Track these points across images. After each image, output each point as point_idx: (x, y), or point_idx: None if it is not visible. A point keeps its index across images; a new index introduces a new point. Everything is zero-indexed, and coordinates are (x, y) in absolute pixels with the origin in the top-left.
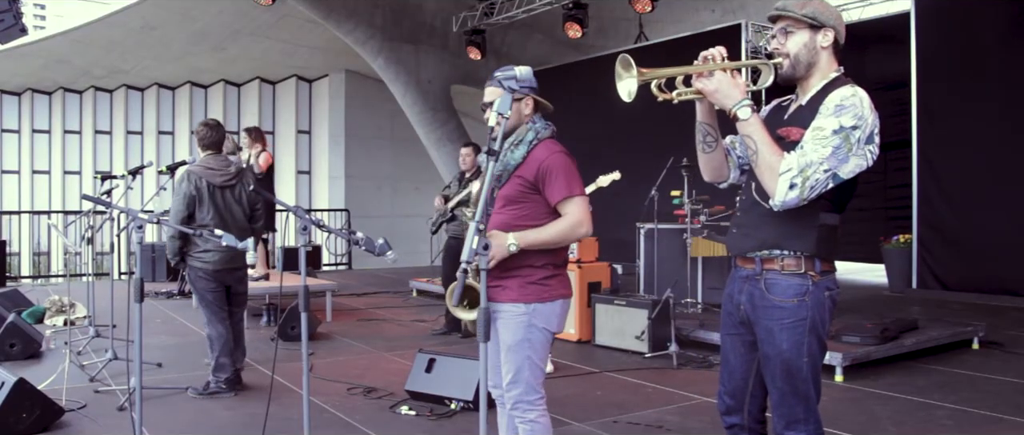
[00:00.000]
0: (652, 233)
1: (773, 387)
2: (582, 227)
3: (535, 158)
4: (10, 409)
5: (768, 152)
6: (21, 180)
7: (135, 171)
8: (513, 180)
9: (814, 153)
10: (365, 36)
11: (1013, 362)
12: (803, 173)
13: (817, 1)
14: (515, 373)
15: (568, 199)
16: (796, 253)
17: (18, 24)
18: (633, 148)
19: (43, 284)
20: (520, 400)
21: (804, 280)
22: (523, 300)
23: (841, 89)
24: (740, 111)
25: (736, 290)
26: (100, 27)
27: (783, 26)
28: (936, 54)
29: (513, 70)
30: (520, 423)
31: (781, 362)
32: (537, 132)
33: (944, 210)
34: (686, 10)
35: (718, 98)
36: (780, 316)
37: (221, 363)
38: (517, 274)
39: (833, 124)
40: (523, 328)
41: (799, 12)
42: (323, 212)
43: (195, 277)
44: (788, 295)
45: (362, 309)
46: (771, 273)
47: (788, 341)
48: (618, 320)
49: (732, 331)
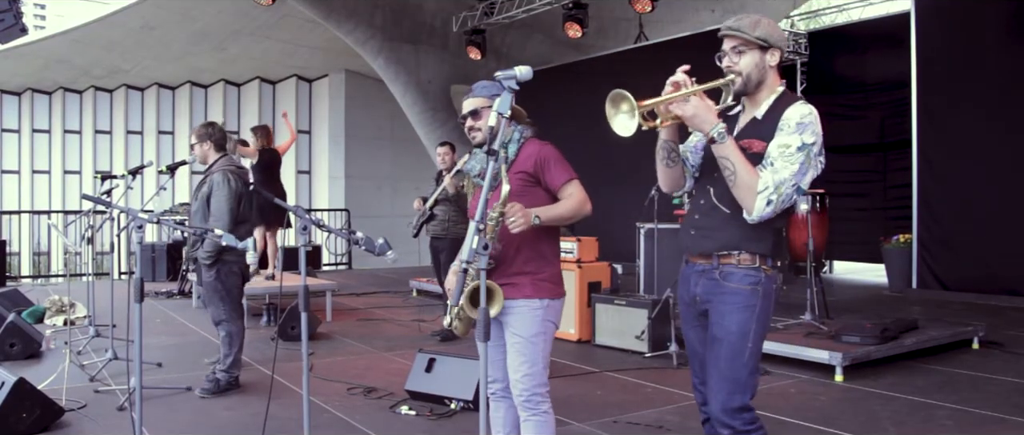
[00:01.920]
0: (652, 233)
1: (713, 370)
2: (586, 204)
3: (529, 153)
4: (10, 409)
5: (745, 173)
6: (21, 180)
7: (135, 171)
8: (512, 176)
9: (785, 170)
10: (365, 36)
11: (1013, 362)
12: (778, 190)
13: (766, 22)
14: (530, 365)
15: (569, 182)
16: (751, 252)
17: (18, 24)
18: (633, 148)
19: (43, 284)
20: (534, 392)
21: (757, 272)
22: (538, 296)
23: (798, 106)
24: (717, 135)
25: (693, 283)
26: (100, 27)
27: (735, 46)
28: (936, 54)
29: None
30: (533, 417)
31: (727, 344)
32: (522, 132)
33: (944, 210)
34: (686, 10)
35: (696, 123)
36: (733, 301)
37: (237, 358)
38: (528, 272)
39: (796, 141)
40: (539, 322)
41: (752, 34)
42: (323, 212)
43: (228, 273)
44: (744, 283)
45: (362, 309)
46: (727, 266)
47: (736, 324)
48: (618, 320)
49: (694, 323)
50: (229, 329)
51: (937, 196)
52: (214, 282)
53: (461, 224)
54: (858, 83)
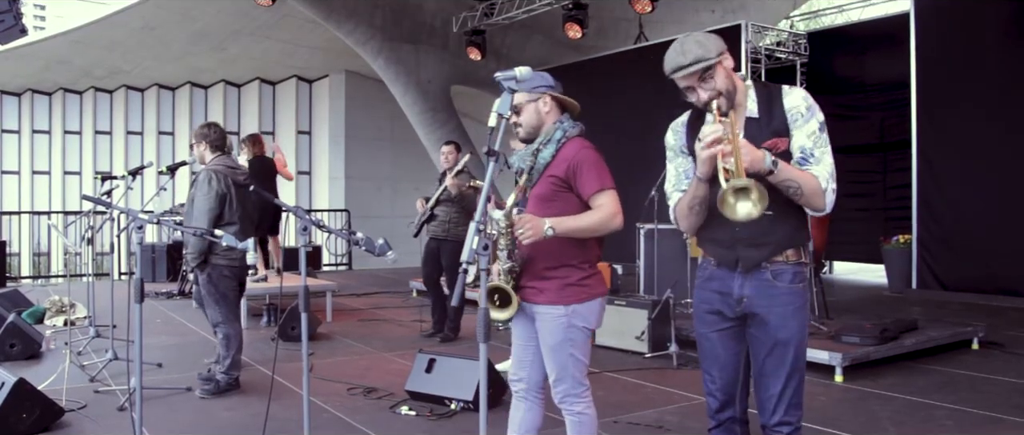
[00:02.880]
0: (652, 233)
1: (781, 372)
2: (616, 218)
3: (564, 156)
4: (10, 409)
5: (807, 182)
6: (21, 180)
7: (135, 171)
8: (545, 179)
9: (826, 155)
10: (365, 36)
11: (1013, 362)
12: (832, 177)
13: (705, 37)
14: (559, 371)
15: (600, 191)
16: (796, 246)
17: (18, 25)
18: (633, 149)
19: (43, 284)
20: (568, 394)
21: (801, 268)
22: (562, 302)
23: (793, 92)
24: (772, 165)
25: (736, 285)
26: (100, 27)
27: (699, 72)
28: (936, 54)
29: (513, 71)
30: (568, 416)
31: (795, 346)
32: (565, 130)
33: (944, 210)
34: (686, 10)
35: (756, 167)
36: (792, 300)
37: (236, 360)
38: (556, 275)
39: (816, 124)
40: (563, 329)
41: (713, 55)
42: (323, 213)
43: (219, 276)
44: (796, 281)
45: (362, 309)
46: (776, 264)
47: (799, 325)
48: (618, 320)
49: (721, 327)
50: (226, 331)
51: (937, 196)
52: (207, 284)
53: (463, 225)
54: (858, 83)
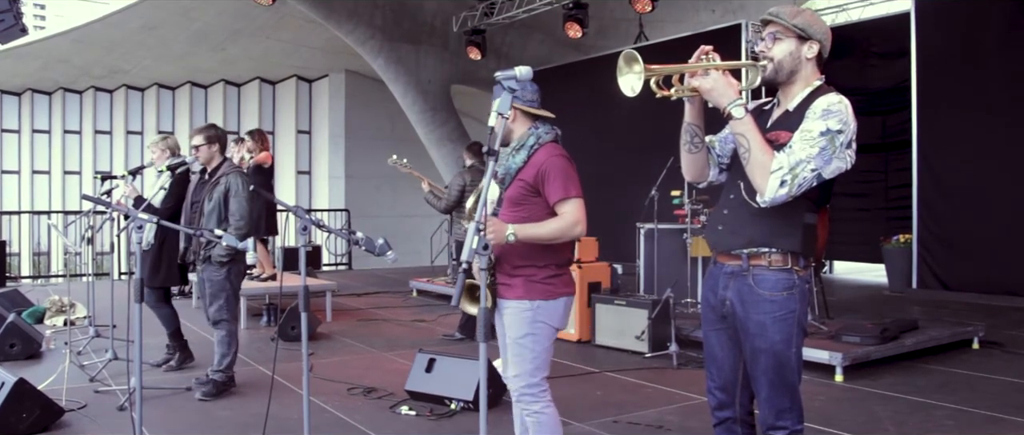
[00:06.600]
0: (652, 233)
1: (763, 380)
2: (577, 227)
3: (535, 162)
4: (10, 409)
5: (760, 151)
6: (21, 180)
7: (135, 171)
8: (516, 183)
9: (802, 152)
10: (365, 36)
11: (1013, 362)
12: (792, 171)
13: (809, 13)
14: (517, 365)
15: (565, 200)
16: (782, 250)
17: (18, 24)
18: (633, 148)
19: (43, 284)
20: (524, 391)
21: (790, 275)
22: (528, 297)
23: (827, 96)
24: (735, 110)
25: (721, 285)
26: (100, 27)
27: (772, 32)
28: (936, 54)
29: (514, 71)
30: (527, 417)
31: (773, 355)
32: (539, 137)
33: (944, 210)
34: (686, 10)
35: (714, 96)
36: (771, 309)
37: (235, 359)
38: (522, 273)
39: (820, 126)
40: (527, 323)
41: (790, 21)
42: (323, 212)
43: (237, 275)
44: (777, 289)
45: (362, 309)
46: (758, 268)
47: (780, 333)
48: (618, 320)
49: (717, 326)
50: (229, 329)
51: (937, 196)
52: (223, 281)
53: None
54: (858, 83)
